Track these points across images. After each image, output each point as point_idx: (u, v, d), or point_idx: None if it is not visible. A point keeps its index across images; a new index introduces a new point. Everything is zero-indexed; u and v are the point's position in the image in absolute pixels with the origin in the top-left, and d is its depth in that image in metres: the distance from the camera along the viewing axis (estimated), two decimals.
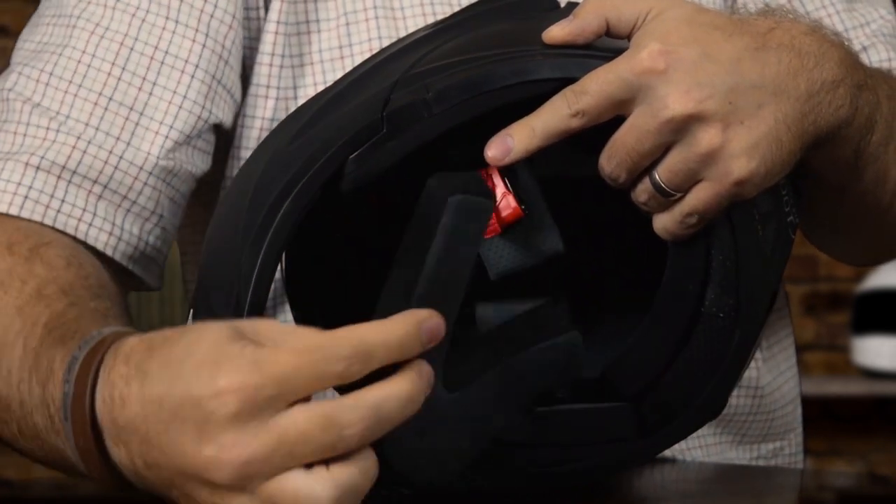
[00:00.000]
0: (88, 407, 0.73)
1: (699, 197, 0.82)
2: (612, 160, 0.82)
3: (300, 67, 1.07)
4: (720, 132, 0.81)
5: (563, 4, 0.90)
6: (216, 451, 0.67)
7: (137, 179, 1.00)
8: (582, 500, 0.91)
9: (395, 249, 0.79)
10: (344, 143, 0.83)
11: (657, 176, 0.82)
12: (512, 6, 0.90)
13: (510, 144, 0.82)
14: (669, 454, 1.11)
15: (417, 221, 0.77)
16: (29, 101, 1.00)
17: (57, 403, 0.77)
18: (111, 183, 0.99)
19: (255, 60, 1.07)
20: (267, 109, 1.07)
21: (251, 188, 0.84)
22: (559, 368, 0.81)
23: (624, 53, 0.82)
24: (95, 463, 0.74)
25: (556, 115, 0.81)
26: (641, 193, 0.83)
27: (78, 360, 0.76)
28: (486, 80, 0.82)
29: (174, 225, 1.04)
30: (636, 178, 0.83)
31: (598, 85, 0.81)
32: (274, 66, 1.07)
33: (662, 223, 0.84)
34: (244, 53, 1.06)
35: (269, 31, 1.06)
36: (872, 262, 1.20)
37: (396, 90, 0.83)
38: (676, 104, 0.80)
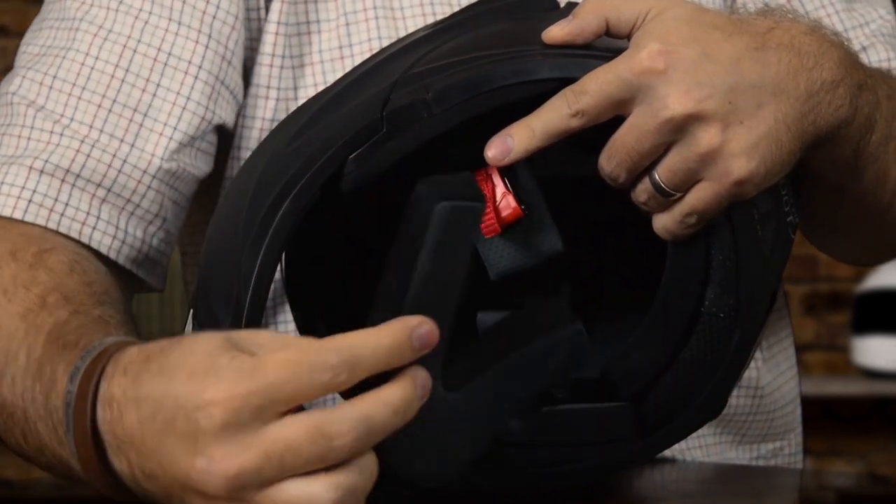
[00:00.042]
0: (90, 418, 0.73)
1: (699, 197, 0.82)
2: (611, 160, 0.82)
3: (300, 68, 1.07)
4: (720, 132, 0.81)
5: (562, 4, 0.90)
6: (207, 463, 0.67)
7: (141, 183, 1.00)
8: (582, 500, 0.91)
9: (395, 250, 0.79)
10: (344, 143, 0.83)
11: (657, 176, 0.82)
12: (512, 6, 0.90)
13: (510, 144, 0.82)
14: (669, 454, 1.11)
15: (406, 229, 0.77)
16: (33, 104, 1.00)
17: (59, 414, 0.77)
18: (115, 186, 0.99)
19: (255, 61, 1.07)
20: (267, 110, 1.07)
21: (251, 188, 0.84)
22: (563, 361, 0.81)
23: (623, 53, 0.82)
24: (97, 473, 0.74)
25: (555, 115, 0.81)
26: (641, 193, 0.83)
27: (80, 370, 0.76)
28: (485, 80, 0.82)
29: (177, 227, 1.04)
30: (636, 177, 0.83)
31: (597, 85, 0.81)
32: (274, 66, 1.07)
33: (662, 223, 0.84)
34: (245, 54, 1.06)
35: (269, 31, 1.06)
36: (872, 262, 1.20)
37: (396, 90, 0.83)
38: (676, 104, 0.80)
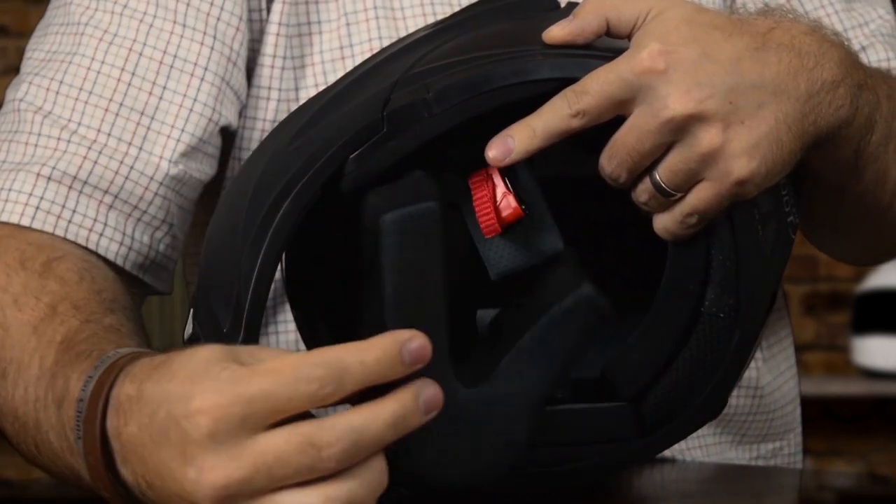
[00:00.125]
0: (99, 427, 0.74)
1: (699, 197, 0.82)
2: (612, 160, 0.82)
3: (301, 69, 1.07)
4: (720, 132, 0.81)
5: (563, 4, 0.90)
6: (196, 473, 0.67)
7: (148, 189, 1.00)
8: (582, 500, 0.91)
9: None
10: (344, 142, 0.83)
11: (657, 176, 0.82)
12: (512, 6, 0.90)
13: (511, 145, 0.82)
14: (669, 454, 1.11)
15: (366, 246, 0.77)
16: (40, 110, 1.00)
17: (71, 423, 0.78)
18: (122, 193, 1.00)
19: (256, 62, 1.07)
20: (268, 111, 1.07)
21: (251, 188, 0.84)
22: (581, 329, 0.79)
23: (624, 53, 0.82)
24: (106, 482, 0.74)
25: (556, 115, 0.81)
26: (642, 193, 0.83)
27: (93, 379, 0.76)
28: (486, 80, 0.82)
29: (183, 232, 1.05)
30: (636, 178, 0.83)
31: (598, 85, 0.81)
32: (275, 67, 1.07)
33: (663, 223, 0.84)
34: (247, 55, 1.06)
35: (270, 32, 1.06)
36: (872, 262, 1.20)
37: (396, 90, 0.83)
38: (677, 104, 0.80)
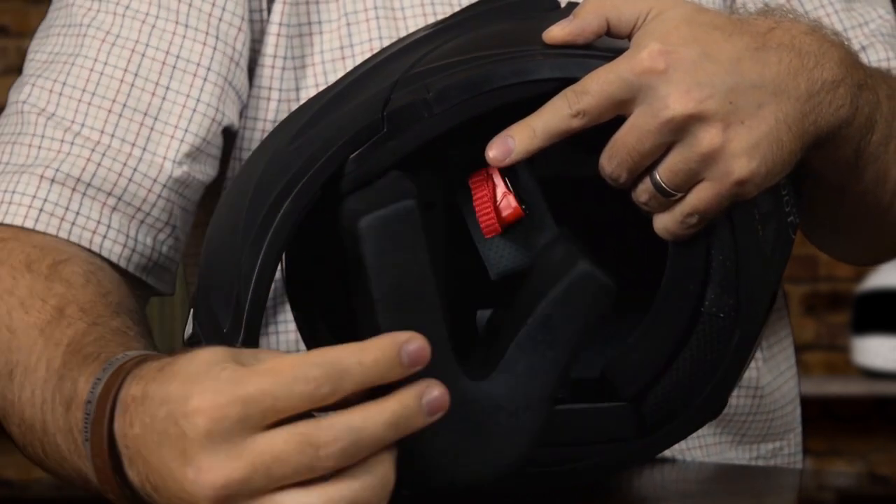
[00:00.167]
0: (107, 429, 0.74)
1: (700, 197, 0.82)
2: (612, 160, 0.82)
3: (302, 69, 1.07)
4: (721, 132, 0.81)
5: (563, 4, 0.90)
6: (195, 473, 0.67)
7: (151, 192, 1.00)
8: (582, 500, 0.91)
9: None
10: (344, 142, 0.83)
11: (658, 176, 0.82)
12: (512, 6, 0.90)
13: (511, 145, 0.82)
14: (669, 454, 1.11)
15: (348, 252, 0.77)
16: (43, 112, 1.00)
17: (79, 425, 0.78)
18: (125, 195, 1.00)
19: (257, 62, 1.07)
20: (269, 111, 1.07)
21: (251, 188, 0.84)
22: (584, 308, 0.78)
23: (624, 53, 0.82)
24: (113, 485, 0.74)
25: (556, 115, 0.81)
26: (642, 193, 0.83)
27: (102, 381, 0.76)
28: (486, 80, 0.82)
29: (185, 233, 1.05)
30: (637, 178, 0.83)
31: (598, 85, 0.81)
32: (276, 67, 1.07)
33: (663, 223, 0.84)
34: (249, 56, 1.06)
35: (271, 32, 1.06)
36: (872, 261, 1.20)
37: (397, 90, 0.83)
38: (677, 104, 0.80)
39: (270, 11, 1.07)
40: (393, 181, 0.80)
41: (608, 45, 0.84)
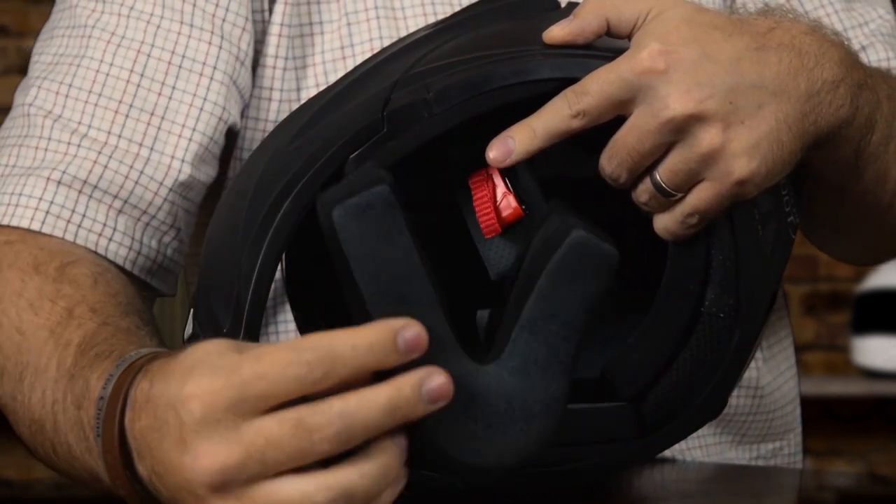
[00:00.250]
0: (118, 424, 0.74)
1: (700, 197, 0.82)
2: (612, 160, 0.82)
3: (303, 69, 1.07)
4: (721, 132, 0.81)
5: (563, 4, 0.90)
6: (191, 459, 0.67)
7: (157, 195, 1.01)
8: (582, 500, 0.91)
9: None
10: (344, 142, 0.83)
11: (658, 176, 0.82)
12: (512, 6, 0.90)
13: (511, 146, 0.82)
14: (669, 454, 1.11)
15: (330, 243, 0.76)
16: (50, 114, 1.00)
17: (91, 422, 0.78)
18: (131, 198, 1.00)
19: (258, 63, 1.07)
20: (270, 111, 1.07)
21: (251, 188, 0.84)
22: (584, 278, 0.76)
23: (624, 54, 0.82)
24: (123, 480, 0.74)
25: (556, 115, 0.81)
26: (642, 193, 0.83)
27: (114, 377, 0.77)
28: (486, 80, 0.82)
29: (189, 235, 1.05)
30: (637, 178, 0.83)
31: (598, 85, 0.81)
32: (277, 68, 1.07)
33: (663, 223, 0.84)
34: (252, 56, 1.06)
35: (272, 33, 1.07)
36: (872, 261, 1.20)
37: (397, 90, 0.83)
38: (677, 104, 0.80)
39: (272, 12, 1.07)
40: (366, 171, 0.79)
41: (608, 45, 0.84)
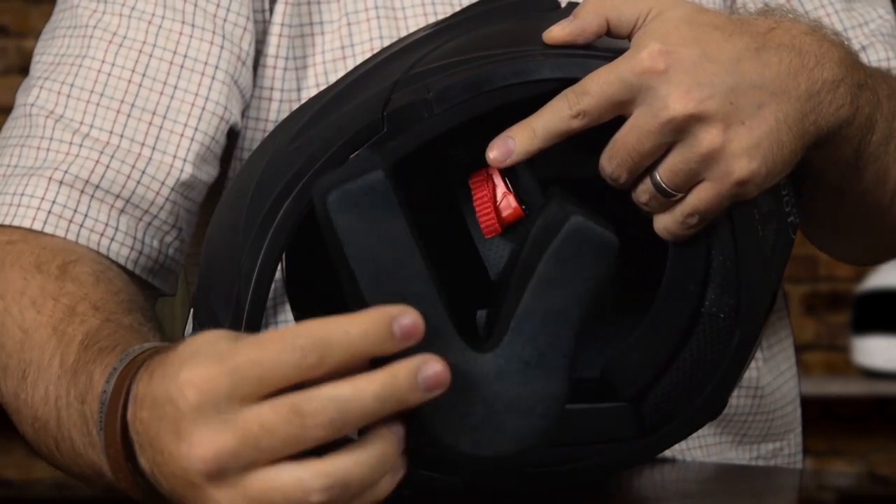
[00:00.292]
0: (120, 418, 0.74)
1: (700, 197, 0.82)
2: (612, 160, 0.82)
3: (303, 69, 1.07)
4: (721, 132, 0.81)
5: (563, 4, 0.90)
6: (187, 447, 0.67)
7: (159, 194, 1.01)
8: (582, 500, 0.91)
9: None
10: (344, 142, 0.83)
11: (658, 176, 0.82)
12: (512, 6, 0.90)
13: (511, 146, 0.82)
14: (669, 454, 1.11)
15: (325, 232, 0.75)
16: (52, 114, 1.00)
17: (94, 416, 0.78)
18: (133, 197, 1.00)
19: (259, 63, 1.07)
20: (271, 112, 1.07)
21: (251, 188, 0.84)
22: (584, 262, 0.76)
23: (624, 54, 0.82)
24: (125, 473, 0.74)
25: (557, 116, 0.81)
26: (642, 194, 0.83)
27: (117, 371, 0.77)
28: (486, 80, 0.82)
29: (190, 234, 1.05)
30: (637, 178, 0.83)
31: (598, 86, 0.81)
32: (278, 68, 1.07)
33: (663, 223, 0.84)
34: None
35: (273, 33, 1.07)
36: (873, 262, 1.20)
37: (397, 90, 0.83)
38: (677, 104, 0.80)
39: (272, 12, 1.07)
40: (362, 158, 0.78)
41: (608, 45, 0.84)
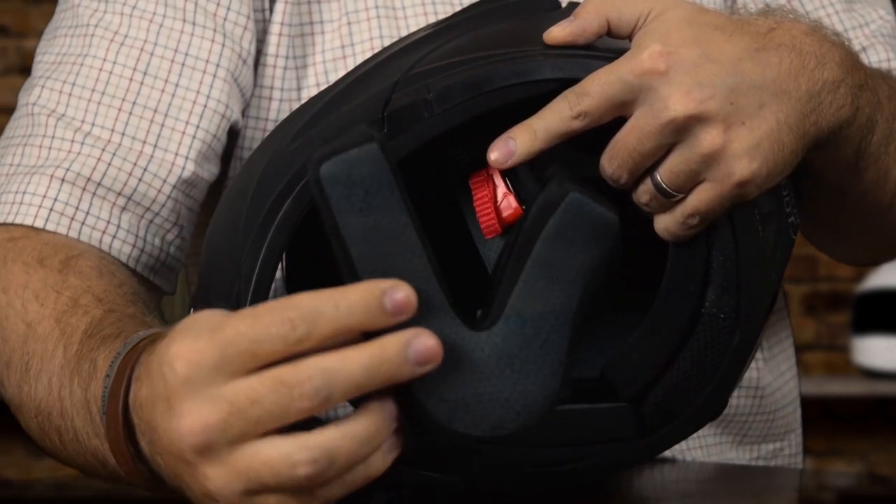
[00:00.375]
0: (122, 399, 0.74)
1: (701, 198, 0.82)
2: (613, 161, 0.82)
3: (303, 68, 1.07)
4: (721, 133, 0.80)
5: (563, 4, 0.90)
6: (177, 421, 0.68)
7: (161, 192, 1.01)
8: (582, 500, 0.91)
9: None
10: None
11: (658, 177, 0.82)
12: (513, 6, 0.90)
13: (513, 147, 0.82)
14: (669, 454, 1.11)
15: (319, 205, 0.74)
16: (53, 113, 1.01)
17: (98, 402, 0.78)
18: (135, 195, 1.00)
19: (259, 62, 1.07)
20: (271, 111, 1.07)
21: (251, 188, 0.84)
22: (583, 236, 0.75)
23: (625, 54, 0.82)
24: (126, 457, 0.75)
25: (557, 116, 0.81)
26: (643, 194, 0.83)
27: (121, 355, 0.77)
28: (487, 80, 0.82)
29: (190, 233, 1.05)
30: (637, 178, 0.83)
31: (599, 86, 0.81)
32: (278, 67, 1.07)
33: (664, 224, 0.84)
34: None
35: (273, 32, 1.07)
36: (873, 262, 1.20)
37: (397, 90, 0.83)
38: (678, 105, 0.80)
39: (272, 11, 1.07)
40: (356, 131, 0.78)
41: (609, 45, 0.84)
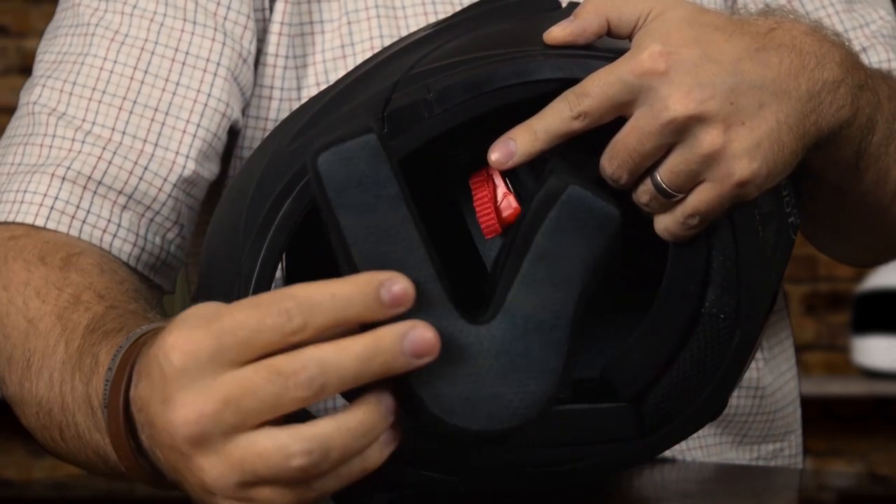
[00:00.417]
0: (123, 393, 0.74)
1: (701, 198, 0.82)
2: (613, 161, 0.82)
3: (303, 68, 1.07)
4: (721, 133, 0.81)
5: (564, 4, 0.90)
6: (172, 412, 0.67)
7: (161, 191, 1.01)
8: (582, 500, 0.91)
9: None
10: None
11: (658, 177, 0.82)
12: (513, 6, 0.90)
13: (513, 148, 0.82)
14: (669, 454, 1.11)
15: (317, 198, 0.74)
16: (54, 111, 1.01)
17: (99, 396, 0.79)
18: (136, 193, 1.00)
19: (259, 61, 1.07)
20: (271, 110, 1.07)
21: (251, 188, 0.84)
22: (582, 230, 0.74)
23: (625, 55, 0.82)
24: (126, 451, 0.75)
25: (557, 117, 0.81)
26: (643, 194, 0.83)
27: (123, 349, 0.77)
28: (487, 80, 0.82)
29: (191, 232, 1.05)
30: (637, 179, 0.83)
31: (599, 87, 0.81)
32: (278, 67, 1.07)
33: (664, 224, 0.84)
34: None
35: (273, 32, 1.07)
36: (873, 262, 1.20)
37: (397, 90, 0.83)
38: (678, 105, 0.80)
39: (272, 10, 1.07)
40: (355, 122, 0.78)
41: (609, 45, 0.84)
